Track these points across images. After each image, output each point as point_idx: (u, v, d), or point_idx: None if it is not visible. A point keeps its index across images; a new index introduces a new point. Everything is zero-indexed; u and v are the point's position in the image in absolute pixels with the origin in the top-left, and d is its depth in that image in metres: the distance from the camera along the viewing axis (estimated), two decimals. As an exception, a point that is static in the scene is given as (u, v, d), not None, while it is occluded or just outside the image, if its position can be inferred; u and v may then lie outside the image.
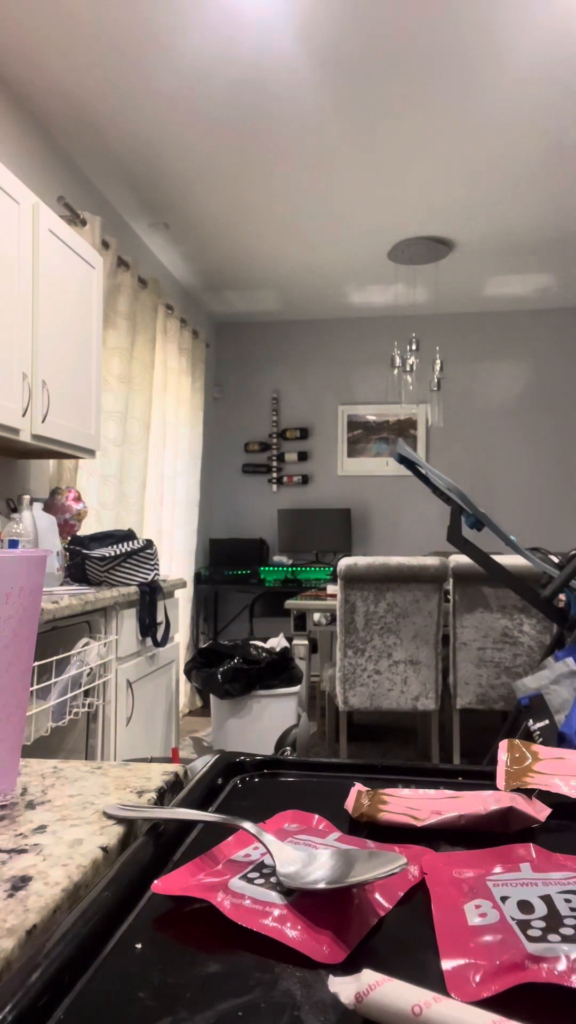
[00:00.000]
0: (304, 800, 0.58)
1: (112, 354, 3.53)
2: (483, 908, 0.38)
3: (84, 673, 2.06)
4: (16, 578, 0.54)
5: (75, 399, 2.63)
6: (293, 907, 0.39)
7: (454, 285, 4.79)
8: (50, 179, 3.07)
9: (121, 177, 3.44)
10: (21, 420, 2.25)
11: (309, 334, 5.55)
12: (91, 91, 2.80)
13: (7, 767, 0.56)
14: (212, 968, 0.35)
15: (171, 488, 4.44)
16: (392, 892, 0.41)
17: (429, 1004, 0.29)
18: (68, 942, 0.35)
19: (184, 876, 0.43)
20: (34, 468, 2.99)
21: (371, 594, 3.06)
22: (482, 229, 3.95)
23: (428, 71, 2.65)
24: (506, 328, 5.29)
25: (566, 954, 0.33)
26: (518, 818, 0.51)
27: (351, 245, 4.18)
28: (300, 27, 2.44)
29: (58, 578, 2.50)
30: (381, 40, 2.50)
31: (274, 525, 5.50)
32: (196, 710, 4.65)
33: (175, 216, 3.84)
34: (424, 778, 0.62)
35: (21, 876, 0.43)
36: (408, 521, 5.27)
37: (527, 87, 2.74)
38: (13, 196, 2.22)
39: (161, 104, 2.88)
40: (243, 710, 3.30)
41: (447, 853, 0.47)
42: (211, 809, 0.56)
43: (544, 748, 0.67)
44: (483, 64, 2.61)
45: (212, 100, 2.85)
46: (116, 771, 0.62)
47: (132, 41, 2.52)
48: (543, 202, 3.64)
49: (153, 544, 2.61)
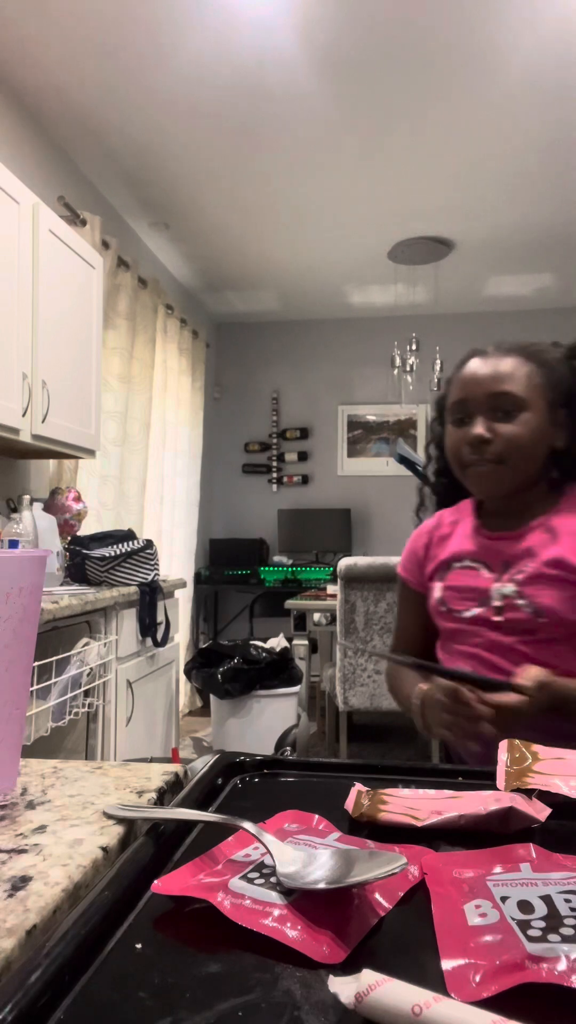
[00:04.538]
0: (304, 800, 0.58)
1: (112, 354, 3.52)
2: (483, 908, 0.38)
3: (84, 673, 2.05)
4: (16, 578, 0.54)
5: (75, 399, 2.63)
6: (293, 907, 0.39)
7: (454, 285, 4.78)
8: (50, 179, 3.07)
9: (121, 177, 3.44)
10: (21, 420, 2.25)
11: (309, 334, 5.54)
12: (91, 91, 2.80)
13: (7, 767, 0.56)
14: (212, 968, 0.35)
15: (171, 488, 4.44)
16: (392, 892, 0.41)
17: (429, 1004, 0.29)
18: (68, 942, 0.35)
19: (184, 876, 0.43)
20: (34, 468, 2.99)
21: (371, 594, 3.06)
22: (482, 229, 3.95)
23: (428, 71, 2.65)
24: (506, 328, 5.29)
25: (566, 954, 0.33)
26: (518, 818, 0.51)
27: (351, 245, 4.18)
28: (300, 27, 2.44)
29: (58, 578, 2.50)
30: (381, 40, 2.50)
31: (274, 525, 5.50)
32: (196, 710, 4.65)
33: (175, 216, 3.84)
34: (424, 778, 0.62)
35: (21, 876, 0.43)
36: (408, 521, 5.25)
37: (527, 87, 2.74)
38: (13, 196, 2.22)
39: (161, 104, 2.88)
40: (243, 710, 3.30)
41: (447, 853, 0.47)
42: (211, 809, 0.56)
43: (544, 748, 0.67)
44: (483, 64, 2.61)
45: (212, 100, 2.85)
46: (116, 771, 0.62)
47: (132, 41, 2.51)
48: (543, 202, 3.64)
49: (153, 544, 2.61)
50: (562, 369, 1.15)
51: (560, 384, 1.14)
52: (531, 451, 1.11)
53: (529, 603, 1.09)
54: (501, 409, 1.10)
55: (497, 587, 1.13)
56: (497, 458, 1.10)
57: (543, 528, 1.13)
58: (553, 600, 1.07)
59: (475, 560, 1.18)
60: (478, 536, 1.20)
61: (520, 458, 1.11)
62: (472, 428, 1.11)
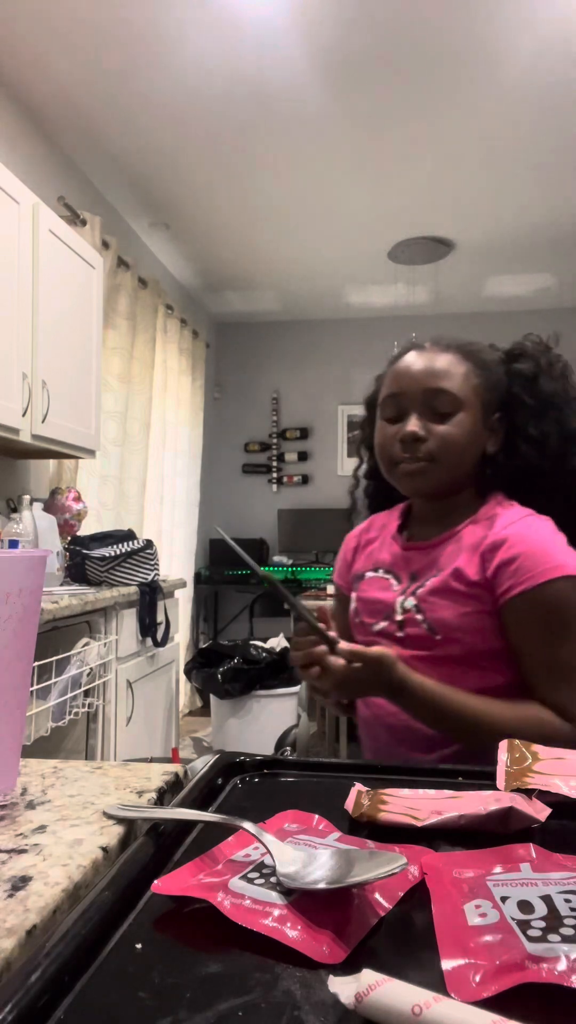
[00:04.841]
0: (304, 800, 0.58)
1: (112, 354, 3.52)
2: (483, 908, 0.38)
3: (84, 673, 2.05)
4: (16, 578, 0.54)
5: (75, 399, 2.63)
6: (293, 907, 0.39)
7: (454, 285, 4.78)
8: (50, 179, 3.07)
9: (121, 177, 3.44)
10: (21, 420, 2.25)
11: (309, 334, 5.54)
12: (91, 91, 2.80)
13: (7, 767, 0.56)
14: (212, 968, 0.35)
15: (171, 488, 4.44)
16: (392, 892, 0.41)
17: (429, 1004, 0.29)
18: (68, 942, 0.35)
19: (184, 876, 0.43)
20: (34, 468, 2.99)
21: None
22: (482, 229, 3.95)
23: (428, 71, 2.65)
24: (506, 328, 5.27)
25: (566, 954, 0.33)
26: (518, 818, 0.51)
27: (351, 245, 4.17)
28: (300, 27, 2.44)
29: (58, 578, 2.50)
30: (381, 40, 2.50)
31: (274, 525, 5.49)
32: (196, 710, 4.65)
33: (175, 216, 3.84)
34: (424, 778, 0.62)
35: (21, 876, 0.43)
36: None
37: (527, 87, 2.74)
38: (13, 196, 2.22)
39: (161, 104, 2.88)
40: (243, 710, 3.30)
41: (447, 853, 0.47)
42: (211, 809, 0.56)
43: (544, 748, 0.67)
44: (483, 64, 2.61)
45: (212, 100, 2.85)
46: (116, 771, 0.62)
47: (132, 41, 2.51)
48: (543, 202, 3.63)
49: (153, 544, 2.61)
50: (499, 372, 1.11)
51: (497, 387, 1.10)
52: (463, 454, 1.06)
53: (425, 619, 1.03)
54: (436, 408, 1.05)
55: (400, 600, 1.07)
56: (429, 456, 1.05)
57: (454, 538, 1.08)
58: (449, 615, 1.01)
59: (387, 571, 1.13)
60: (394, 545, 1.15)
61: (452, 459, 1.06)
62: (406, 425, 1.06)
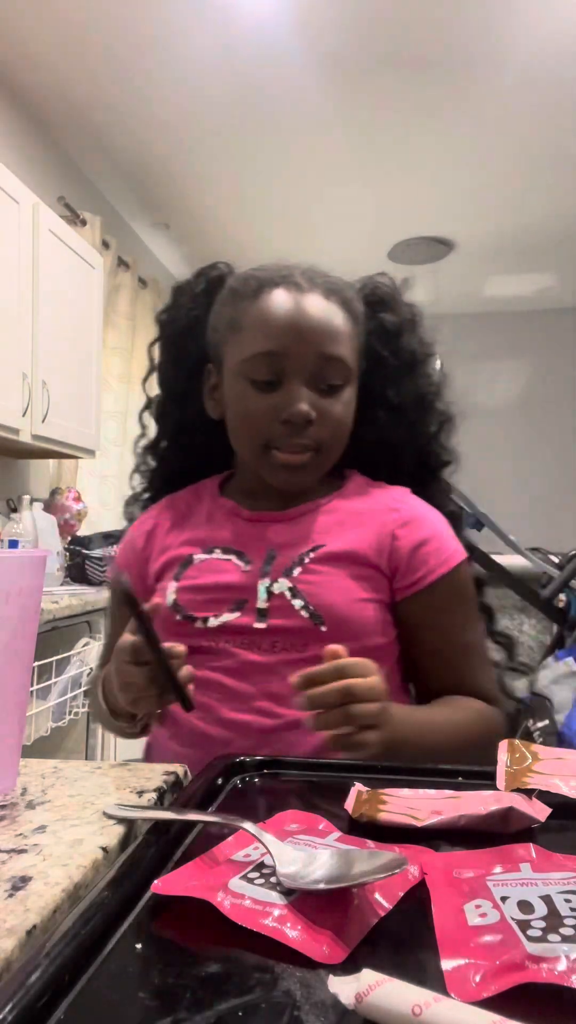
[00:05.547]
0: (304, 800, 0.58)
1: (112, 354, 3.52)
2: (483, 908, 0.38)
3: (84, 673, 2.06)
4: (16, 578, 0.54)
5: (75, 399, 2.62)
6: (293, 907, 0.39)
7: (454, 285, 4.78)
8: (50, 179, 3.07)
9: (121, 177, 3.44)
10: (21, 420, 2.25)
11: (309, 334, 5.53)
12: (91, 91, 2.80)
13: (7, 767, 0.56)
14: (212, 968, 0.35)
15: (171, 488, 4.44)
16: (392, 892, 0.41)
17: (429, 1004, 0.29)
18: (68, 942, 0.35)
19: (184, 876, 0.43)
20: (34, 468, 2.99)
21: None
22: (482, 229, 3.94)
23: (428, 71, 2.65)
24: (506, 328, 5.28)
25: (566, 954, 0.33)
26: (518, 818, 0.51)
27: (351, 245, 4.17)
28: (300, 27, 2.44)
29: (58, 578, 2.50)
30: (381, 40, 2.50)
31: (274, 525, 5.49)
32: (196, 710, 4.64)
33: (175, 216, 3.84)
34: (424, 778, 0.62)
35: (21, 876, 0.43)
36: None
37: (527, 87, 2.73)
38: (13, 196, 2.22)
39: (161, 104, 2.88)
40: (243, 710, 3.29)
41: (447, 853, 0.47)
42: (211, 809, 0.56)
43: (544, 748, 0.67)
44: (483, 64, 2.61)
45: (212, 100, 2.85)
46: (116, 771, 0.62)
47: (132, 41, 2.51)
48: (543, 202, 3.63)
49: (153, 544, 2.61)
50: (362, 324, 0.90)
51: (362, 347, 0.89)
52: (344, 439, 0.88)
53: (307, 605, 0.81)
54: (326, 378, 0.84)
55: (263, 583, 0.84)
56: (316, 444, 0.85)
57: (327, 511, 0.88)
58: (339, 600, 0.81)
59: (227, 550, 0.88)
60: (233, 519, 0.91)
61: (336, 449, 0.88)
62: (294, 400, 0.82)
